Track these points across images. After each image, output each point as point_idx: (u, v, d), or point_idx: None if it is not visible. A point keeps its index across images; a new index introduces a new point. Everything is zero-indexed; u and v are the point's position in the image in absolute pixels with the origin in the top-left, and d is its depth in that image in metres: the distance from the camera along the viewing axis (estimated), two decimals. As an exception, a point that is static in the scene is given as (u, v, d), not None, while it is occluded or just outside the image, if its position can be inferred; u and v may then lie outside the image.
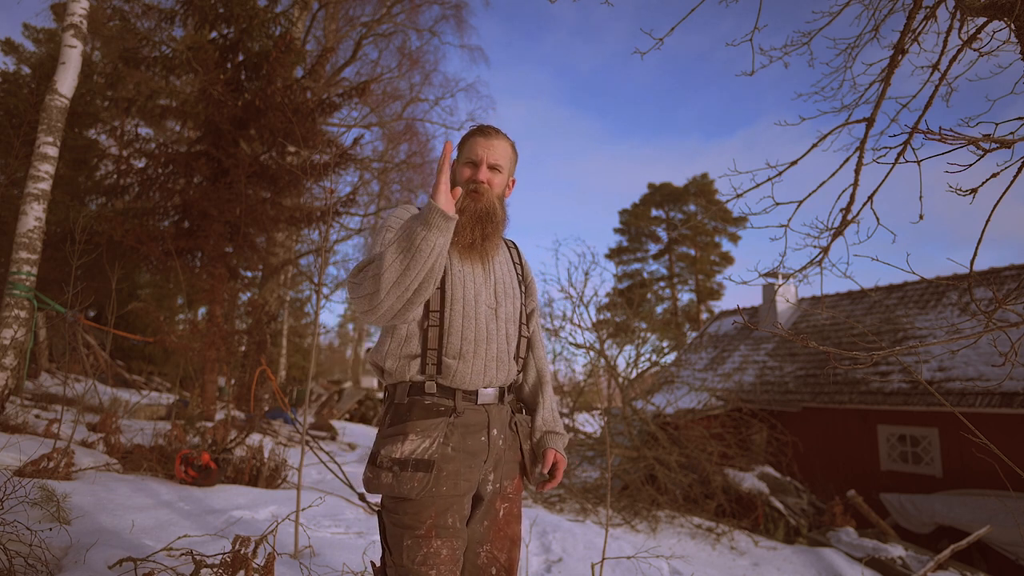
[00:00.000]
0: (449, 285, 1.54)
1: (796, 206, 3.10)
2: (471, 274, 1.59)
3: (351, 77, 16.40)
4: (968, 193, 1.68)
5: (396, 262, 1.33)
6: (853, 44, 3.32)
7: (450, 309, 1.53)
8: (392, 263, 1.33)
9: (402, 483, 1.41)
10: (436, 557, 1.41)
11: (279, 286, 12.00)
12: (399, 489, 1.41)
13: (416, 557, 1.40)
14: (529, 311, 1.80)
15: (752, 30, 3.17)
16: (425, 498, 1.42)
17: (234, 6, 7.81)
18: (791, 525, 6.44)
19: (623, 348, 8.11)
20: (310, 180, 7.95)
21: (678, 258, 33.04)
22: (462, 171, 1.65)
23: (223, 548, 2.64)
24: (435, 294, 1.54)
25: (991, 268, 9.99)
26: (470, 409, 1.52)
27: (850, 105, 3.28)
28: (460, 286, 1.56)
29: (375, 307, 1.36)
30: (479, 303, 1.57)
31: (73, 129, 9.33)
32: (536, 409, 1.74)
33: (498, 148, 1.65)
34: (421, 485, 1.41)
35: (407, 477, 1.41)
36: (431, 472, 1.42)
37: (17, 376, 4.85)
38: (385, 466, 1.44)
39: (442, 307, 1.53)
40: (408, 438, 1.45)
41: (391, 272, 1.33)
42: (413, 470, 1.42)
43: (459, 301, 1.54)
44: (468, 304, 1.55)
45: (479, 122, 1.77)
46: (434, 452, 1.45)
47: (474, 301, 1.56)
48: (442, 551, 1.42)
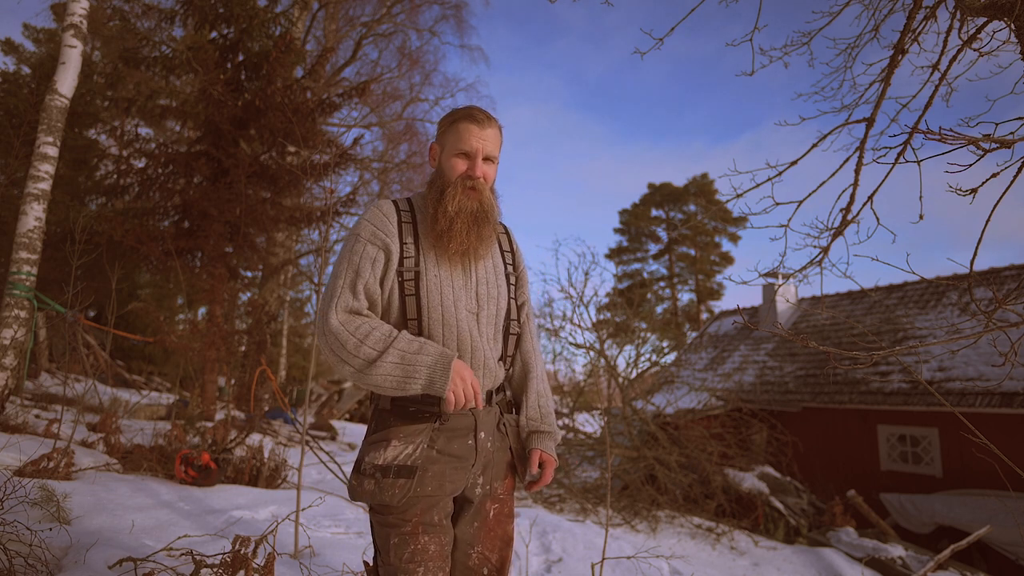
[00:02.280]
0: (424, 292, 1.48)
1: (796, 206, 3.10)
2: (448, 278, 1.51)
3: (351, 77, 16.42)
4: (968, 193, 1.68)
5: (392, 378, 1.38)
6: (853, 44, 3.32)
7: (428, 317, 1.47)
8: (389, 375, 1.38)
9: (383, 490, 1.40)
10: (424, 553, 1.40)
11: (279, 286, 12.00)
12: (380, 497, 1.40)
13: (404, 555, 1.39)
14: (520, 303, 1.70)
15: (752, 30, 3.17)
16: (409, 500, 1.41)
17: (234, 6, 7.81)
18: (791, 525, 6.44)
19: (623, 348, 8.12)
20: (310, 180, 7.95)
21: (678, 258, 33.04)
22: (453, 163, 1.52)
23: (223, 548, 2.64)
24: (410, 302, 1.48)
25: (991, 268, 9.99)
26: (455, 415, 1.48)
27: (850, 105, 3.28)
28: (437, 292, 1.48)
29: (362, 378, 1.39)
30: (459, 308, 1.49)
31: (73, 129, 9.33)
32: (521, 406, 1.65)
33: (491, 136, 1.53)
34: (403, 492, 1.40)
35: (388, 484, 1.40)
36: (413, 478, 1.40)
37: (17, 376, 4.85)
38: (368, 473, 1.42)
39: (419, 315, 1.47)
40: (391, 444, 1.43)
41: (386, 380, 1.38)
42: (395, 476, 1.40)
43: (436, 308, 1.48)
44: (447, 311, 1.48)
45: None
46: (417, 458, 1.42)
47: (453, 307, 1.49)
48: (430, 547, 1.41)
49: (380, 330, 1.41)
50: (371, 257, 1.47)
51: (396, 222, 1.53)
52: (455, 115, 1.56)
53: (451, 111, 1.60)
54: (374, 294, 1.49)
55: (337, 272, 1.49)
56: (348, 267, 1.47)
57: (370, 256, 1.48)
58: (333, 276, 1.50)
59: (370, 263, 1.47)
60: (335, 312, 1.43)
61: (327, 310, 1.44)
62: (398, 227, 1.52)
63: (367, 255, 1.48)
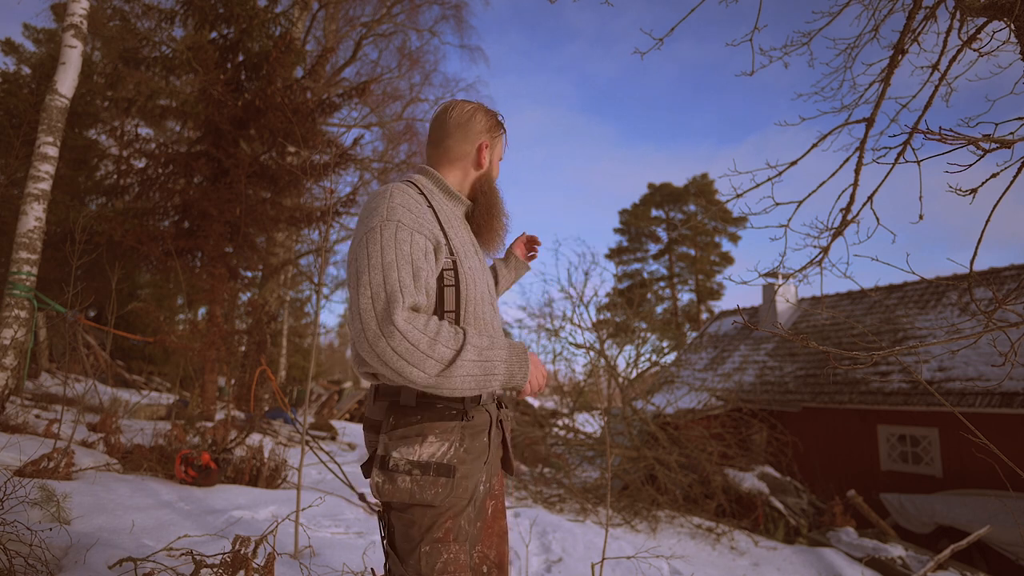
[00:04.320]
0: (464, 284, 1.40)
1: (796, 206, 3.11)
2: (479, 269, 1.48)
3: (351, 77, 16.41)
4: (968, 193, 1.68)
5: (472, 378, 1.28)
6: (853, 44, 3.32)
7: (465, 310, 1.39)
8: (470, 374, 1.27)
9: (424, 489, 1.28)
10: (456, 563, 1.29)
11: (279, 286, 11.99)
12: (421, 496, 1.28)
13: (436, 564, 1.27)
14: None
15: (752, 30, 3.17)
16: (447, 501, 1.32)
17: (234, 6, 7.82)
18: (791, 525, 6.44)
19: (623, 348, 8.12)
20: (310, 180, 7.95)
21: (678, 258, 33.04)
22: (497, 169, 1.66)
23: (223, 548, 2.64)
24: (449, 293, 1.38)
25: (991, 268, 9.99)
26: (476, 411, 1.42)
27: (850, 105, 3.28)
28: (473, 282, 1.42)
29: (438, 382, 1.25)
30: (484, 301, 1.46)
31: (73, 129, 9.33)
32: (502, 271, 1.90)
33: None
34: (446, 491, 1.30)
35: (430, 482, 1.29)
36: (453, 477, 1.31)
37: (17, 376, 4.85)
38: (402, 470, 1.29)
39: (457, 307, 1.39)
40: (428, 440, 1.32)
41: (466, 381, 1.27)
42: (435, 475, 1.30)
43: (473, 300, 1.41)
44: (479, 304, 1.43)
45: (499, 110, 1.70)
46: (452, 456, 1.33)
47: (481, 300, 1.45)
48: (460, 556, 1.30)
49: (444, 325, 1.27)
50: (423, 248, 1.32)
51: (428, 208, 1.42)
52: (501, 123, 1.64)
53: (495, 113, 1.63)
54: (432, 290, 1.34)
55: (385, 264, 1.27)
56: (400, 259, 1.27)
57: (421, 247, 1.32)
58: (379, 269, 1.26)
59: (423, 255, 1.32)
60: (401, 309, 1.22)
61: (390, 308, 1.22)
62: (433, 213, 1.43)
63: (418, 246, 1.31)
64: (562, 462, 7.42)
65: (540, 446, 7.79)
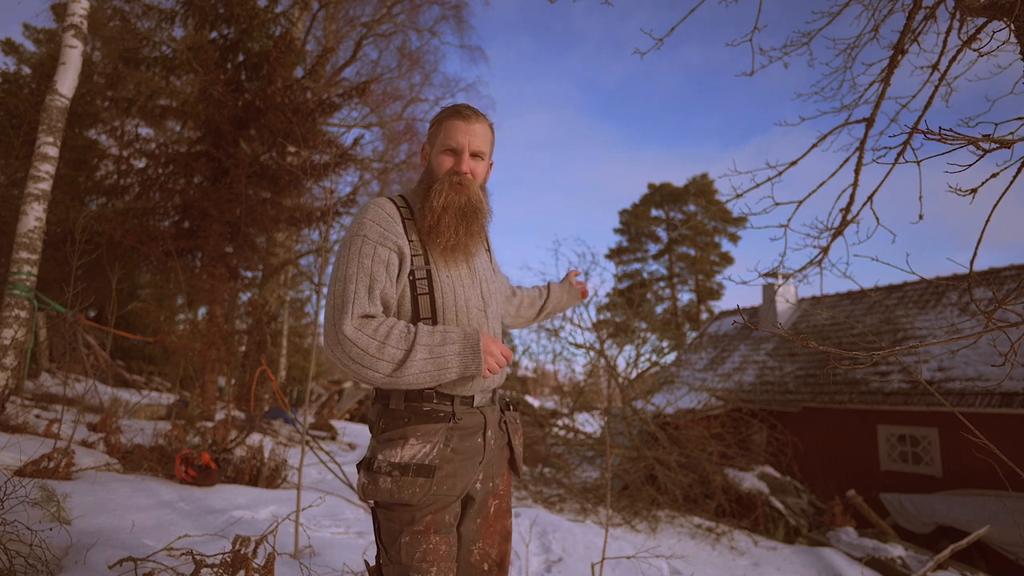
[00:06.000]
0: (439, 293, 1.46)
1: (796, 206, 3.11)
2: (459, 278, 1.51)
3: (351, 77, 16.42)
4: (968, 193, 1.68)
5: (426, 375, 1.35)
6: (853, 44, 3.32)
7: (442, 317, 1.46)
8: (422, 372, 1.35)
9: (402, 488, 1.36)
10: (435, 553, 1.37)
11: (279, 286, 11.99)
12: (399, 495, 1.36)
13: (415, 554, 1.36)
14: (509, 292, 1.85)
15: (752, 30, 3.18)
16: (426, 499, 1.39)
17: (234, 6, 7.82)
18: (791, 525, 6.44)
19: (623, 348, 8.12)
20: (310, 180, 7.95)
21: (678, 258, 33.04)
22: (441, 160, 1.52)
23: (223, 548, 2.64)
24: (424, 301, 1.46)
25: (991, 268, 9.99)
26: (467, 413, 1.48)
27: (850, 105, 3.28)
28: (451, 290, 1.48)
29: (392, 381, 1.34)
30: (470, 308, 1.50)
31: (73, 129, 9.34)
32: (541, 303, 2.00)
33: (479, 132, 1.52)
34: (423, 491, 1.37)
35: (408, 482, 1.36)
36: (432, 477, 1.38)
37: (17, 376, 4.85)
38: (384, 471, 1.37)
39: (433, 314, 1.46)
40: (408, 442, 1.40)
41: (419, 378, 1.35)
42: (414, 475, 1.37)
43: (451, 309, 1.46)
44: (460, 311, 1.48)
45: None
46: (434, 457, 1.40)
47: (465, 307, 1.49)
48: (441, 547, 1.38)
49: (397, 327, 1.36)
50: (383, 260, 1.41)
51: (400, 220, 1.48)
52: (443, 113, 1.57)
53: (440, 110, 1.60)
54: (389, 299, 1.43)
55: (345, 276, 1.39)
56: (360, 271, 1.39)
57: (382, 259, 1.41)
58: (341, 281, 1.39)
59: (383, 266, 1.41)
60: (350, 318, 1.33)
61: (340, 318, 1.34)
62: (403, 225, 1.48)
63: (379, 258, 1.41)
64: (562, 462, 7.42)
65: (540, 446, 7.79)
